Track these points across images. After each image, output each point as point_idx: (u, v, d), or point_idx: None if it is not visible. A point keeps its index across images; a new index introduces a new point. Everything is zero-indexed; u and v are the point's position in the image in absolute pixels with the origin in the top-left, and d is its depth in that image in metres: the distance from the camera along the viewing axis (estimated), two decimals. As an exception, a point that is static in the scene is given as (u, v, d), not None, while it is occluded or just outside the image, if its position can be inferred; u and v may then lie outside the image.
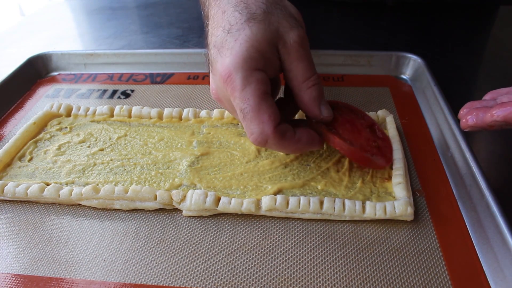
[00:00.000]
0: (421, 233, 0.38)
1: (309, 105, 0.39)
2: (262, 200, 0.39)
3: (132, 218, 0.40)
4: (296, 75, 0.38)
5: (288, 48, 0.38)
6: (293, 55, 0.38)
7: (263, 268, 0.35)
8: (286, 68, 0.39)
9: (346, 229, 0.38)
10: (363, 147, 0.41)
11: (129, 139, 0.49)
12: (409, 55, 0.61)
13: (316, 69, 0.39)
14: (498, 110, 0.35)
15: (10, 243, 0.38)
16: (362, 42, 0.74)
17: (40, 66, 0.66)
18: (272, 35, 0.37)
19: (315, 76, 0.39)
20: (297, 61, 0.38)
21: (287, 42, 0.37)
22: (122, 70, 0.66)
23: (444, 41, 0.74)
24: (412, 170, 0.44)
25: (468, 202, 0.39)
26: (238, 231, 0.39)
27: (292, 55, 0.38)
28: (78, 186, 0.42)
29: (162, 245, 0.38)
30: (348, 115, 0.45)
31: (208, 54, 0.40)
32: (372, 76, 0.62)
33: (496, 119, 0.35)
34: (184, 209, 0.40)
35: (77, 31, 0.88)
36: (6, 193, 0.42)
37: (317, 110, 0.39)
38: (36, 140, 0.49)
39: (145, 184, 0.43)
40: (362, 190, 0.41)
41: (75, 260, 0.36)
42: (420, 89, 0.57)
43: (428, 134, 0.50)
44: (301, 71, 0.38)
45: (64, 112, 0.53)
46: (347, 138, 0.41)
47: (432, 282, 0.33)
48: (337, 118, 0.43)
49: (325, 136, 0.41)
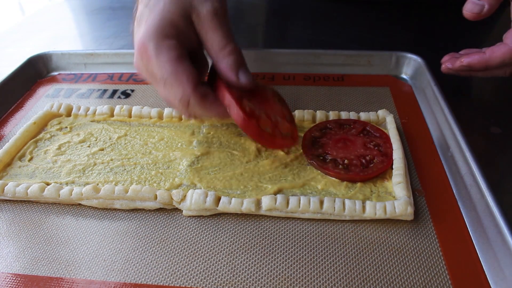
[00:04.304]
0: (421, 233, 0.38)
1: (226, 72, 0.40)
2: (262, 199, 0.39)
3: (132, 218, 0.40)
4: (212, 44, 0.40)
5: (202, 19, 0.39)
6: (206, 25, 0.39)
7: (263, 268, 0.35)
8: (203, 40, 0.40)
9: (346, 229, 0.38)
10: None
11: (129, 138, 0.49)
12: (409, 55, 0.61)
13: (316, 69, 0.39)
14: (465, 58, 0.48)
15: (10, 243, 0.38)
16: (362, 42, 0.74)
17: (40, 66, 0.66)
18: (185, 6, 0.39)
19: (232, 45, 0.40)
20: (212, 31, 0.39)
21: (200, 13, 0.39)
22: (122, 70, 0.66)
23: (444, 41, 0.74)
24: (412, 170, 0.44)
25: (468, 202, 0.39)
26: (238, 231, 0.39)
27: (206, 26, 0.39)
28: (78, 186, 0.42)
29: (162, 245, 0.38)
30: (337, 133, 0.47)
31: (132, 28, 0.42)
32: (372, 76, 0.62)
33: (463, 64, 0.48)
34: (184, 208, 0.40)
35: (77, 31, 0.88)
36: (6, 192, 0.42)
37: (234, 76, 0.40)
38: (36, 140, 0.49)
39: (145, 183, 0.43)
40: (362, 190, 0.41)
41: (75, 259, 0.36)
42: (420, 89, 0.57)
43: (428, 134, 0.50)
44: (216, 41, 0.39)
45: (64, 112, 0.53)
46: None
47: (432, 282, 0.33)
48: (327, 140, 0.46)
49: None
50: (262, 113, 0.41)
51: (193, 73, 0.38)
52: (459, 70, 0.50)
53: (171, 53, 0.37)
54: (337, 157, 0.44)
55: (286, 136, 0.42)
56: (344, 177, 0.42)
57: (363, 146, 0.45)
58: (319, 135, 0.47)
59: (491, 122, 0.52)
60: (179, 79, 0.37)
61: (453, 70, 0.50)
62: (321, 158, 0.44)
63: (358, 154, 0.44)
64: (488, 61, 0.46)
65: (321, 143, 0.46)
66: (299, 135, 0.48)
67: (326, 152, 0.44)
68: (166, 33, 0.38)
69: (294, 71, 0.63)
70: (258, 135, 0.39)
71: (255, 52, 0.64)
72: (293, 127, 0.45)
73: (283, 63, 0.64)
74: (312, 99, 0.57)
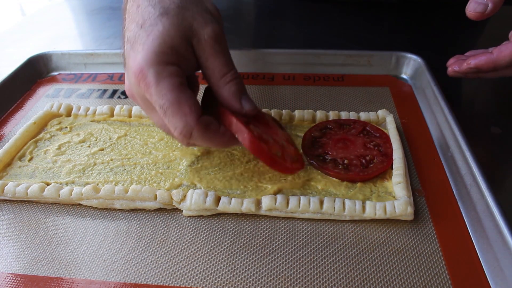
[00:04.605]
0: (421, 233, 0.38)
1: (229, 101, 0.38)
2: (262, 199, 0.39)
3: (132, 218, 0.40)
4: (213, 71, 0.38)
5: (203, 44, 0.37)
6: (208, 51, 0.37)
7: (263, 268, 0.35)
8: (202, 65, 0.38)
9: (346, 229, 0.38)
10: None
11: (129, 138, 0.49)
12: (409, 55, 0.61)
13: (316, 69, 0.39)
14: (471, 60, 0.47)
15: (10, 243, 0.38)
16: (362, 42, 0.74)
17: (40, 66, 0.66)
18: (186, 30, 0.36)
19: (233, 72, 0.38)
20: (213, 57, 0.37)
21: (201, 38, 0.37)
22: (122, 70, 0.65)
23: (444, 41, 0.74)
24: (412, 170, 0.44)
25: (468, 202, 0.39)
26: (238, 231, 0.39)
27: (207, 51, 0.37)
28: (78, 186, 0.42)
29: (162, 245, 0.38)
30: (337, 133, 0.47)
31: (122, 48, 0.40)
32: (372, 76, 0.62)
33: (470, 66, 0.47)
34: (184, 208, 0.40)
35: (77, 31, 0.88)
36: (6, 192, 0.42)
37: (238, 104, 0.38)
38: (36, 140, 0.49)
39: (145, 183, 0.43)
40: (362, 190, 0.41)
41: (75, 259, 0.36)
42: (420, 89, 0.57)
43: (428, 134, 0.50)
44: (217, 68, 0.37)
45: (64, 112, 0.53)
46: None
47: (432, 282, 0.33)
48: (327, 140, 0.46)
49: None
50: (270, 137, 0.40)
51: (196, 103, 0.35)
52: (466, 72, 0.49)
53: (172, 81, 0.35)
54: (337, 157, 0.44)
55: (294, 160, 0.41)
56: (344, 177, 0.42)
57: (363, 146, 0.45)
58: (319, 135, 0.47)
59: (491, 122, 0.52)
60: (181, 109, 0.34)
61: (460, 72, 0.49)
62: (321, 158, 0.44)
63: (358, 154, 0.44)
64: (496, 61, 0.46)
65: (321, 143, 0.46)
66: (299, 135, 0.48)
67: (326, 152, 0.44)
68: (167, 59, 0.35)
69: (294, 71, 0.63)
70: (271, 159, 0.38)
71: (255, 52, 0.64)
72: (297, 151, 0.44)
73: (283, 63, 0.64)
74: (312, 99, 0.57)
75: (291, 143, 0.44)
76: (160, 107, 0.35)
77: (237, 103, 0.38)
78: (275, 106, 0.55)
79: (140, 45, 0.36)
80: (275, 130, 0.43)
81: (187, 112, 0.34)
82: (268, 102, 0.57)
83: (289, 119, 0.51)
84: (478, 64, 0.47)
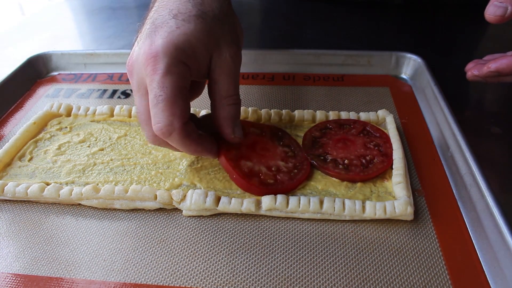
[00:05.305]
0: (421, 233, 0.38)
1: (223, 122, 0.39)
2: (262, 199, 0.39)
3: (132, 218, 0.40)
4: (220, 88, 0.39)
5: (222, 60, 0.38)
6: (224, 68, 0.38)
7: (263, 268, 0.35)
8: (212, 78, 0.39)
9: (346, 229, 0.38)
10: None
11: (129, 138, 0.49)
12: (409, 55, 0.61)
13: (316, 69, 0.39)
14: (492, 64, 0.47)
15: (10, 243, 0.38)
16: (362, 42, 0.74)
17: (40, 66, 0.66)
18: (212, 41, 0.38)
19: (237, 96, 0.39)
20: (226, 75, 0.38)
21: (222, 54, 0.38)
22: (122, 70, 0.66)
23: (444, 41, 0.74)
24: (412, 170, 0.44)
25: (468, 202, 0.39)
26: (238, 231, 0.39)
27: (223, 68, 0.38)
28: (78, 186, 0.42)
29: (162, 245, 0.38)
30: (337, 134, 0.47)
31: (141, 25, 0.40)
32: (372, 76, 0.62)
33: (491, 70, 0.47)
34: (184, 208, 0.40)
35: (77, 31, 0.88)
36: (6, 192, 0.42)
37: (230, 129, 0.39)
38: (36, 140, 0.49)
39: (145, 183, 0.43)
40: (362, 190, 0.41)
41: (75, 259, 0.36)
42: (420, 89, 0.57)
43: (428, 134, 0.50)
44: (226, 86, 0.38)
45: (64, 112, 0.53)
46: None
47: (432, 282, 0.33)
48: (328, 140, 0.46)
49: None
50: (262, 166, 0.41)
51: (187, 110, 0.36)
52: (486, 76, 0.48)
53: (178, 79, 0.35)
54: (337, 157, 0.44)
55: (294, 175, 0.42)
56: (344, 177, 0.42)
57: (363, 146, 0.45)
58: (319, 135, 0.47)
59: (491, 122, 0.52)
60: (173, 109, 0.35)
61: (480, 76, 0.49)
62: (321, 158, 0.44)
63: (358, 154, 0.44)
64: None
65: (321, 143, 0.46)
66: (299, 135, 0.48)
67: (326, 152, 0.44)
68: (183, 58, 0.36)
69: (294, 71, 0.63)
70: (263, 192, 0.40)
71: (255, 52, 0.64)
72: (301, 157, 0.44)
73: (283, 63, 0.64)
74: (312, 99, 0.57)
75: (293, 153, 0.44)
76: (155, 96, 0.35)
77: (229, 127, 0.39)
78: (275, 106, 0.55)
79: (165, 32, 0.36)
80: (271, 149, 0.44)
81: (176, 114, 0.35)
82: (268, 102, 0.57)
83: (289, 119, 0.51)
84: (499, 68, 0.46)
